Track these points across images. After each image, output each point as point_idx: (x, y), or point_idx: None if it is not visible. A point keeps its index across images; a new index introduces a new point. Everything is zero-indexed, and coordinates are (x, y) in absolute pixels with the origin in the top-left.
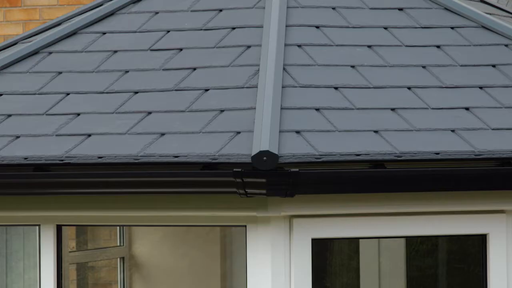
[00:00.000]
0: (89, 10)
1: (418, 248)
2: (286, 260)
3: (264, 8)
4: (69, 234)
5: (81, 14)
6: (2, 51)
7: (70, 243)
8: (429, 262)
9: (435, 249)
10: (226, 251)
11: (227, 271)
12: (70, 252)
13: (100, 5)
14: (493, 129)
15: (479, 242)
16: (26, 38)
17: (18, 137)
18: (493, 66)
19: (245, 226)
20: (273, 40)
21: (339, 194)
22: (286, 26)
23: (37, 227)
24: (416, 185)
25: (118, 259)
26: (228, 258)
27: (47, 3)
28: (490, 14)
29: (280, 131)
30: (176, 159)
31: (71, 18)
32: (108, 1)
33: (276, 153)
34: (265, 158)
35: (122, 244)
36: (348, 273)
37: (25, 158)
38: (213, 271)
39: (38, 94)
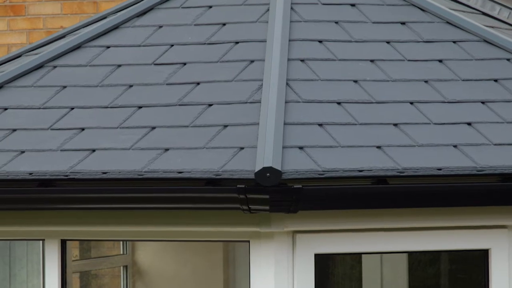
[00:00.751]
0: (93, 23)
1: (420, 258)
2: (289, 275)
3: (267, 22)
4: (72, 242)
5: (85, 26)
6: (6, 64)
7: (73, 251)
8: (431, 272)
9: (437, 259)
10: (229, 258)
11: (230, 278)
12: (73, 260)
13: (104, 17)
14: (495, 145)
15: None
16: (30, 51)
17: (23, 152)
18: (495, 80)
19: (249, 241)
20: (276, 54)
21: (342, 210)
22: (289, 40)
23: (42, 241)
24: (418, 201)
25: (121, 267)
26: (231, 265)
27: (50, 12)
28: (491, 27)
29: (283, 147)
30: (180, 175)
31: (76, 30)
32: (112, 14)
33: (279, 169)
34: (268, 174)
35: (125, 252)
36: (351, 283)
37: (30, 174)
38: (216, 278)
39: (43, 108)
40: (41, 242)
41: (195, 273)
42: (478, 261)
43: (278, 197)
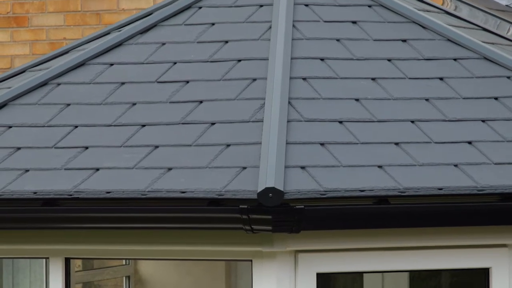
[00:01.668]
0: (97, 38)
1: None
2: None
3: (269, 40)
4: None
5: (89, 42)
6: (11, 79)
7: (76, 261)
8: (433, 285)
9: (439, 272)
10: (230, 268)
11: None
12: (76, 271)
13: (108, 33)
14: (495, 164)
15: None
16: (34, 66)
17: (27, 170)
18: (495, 98)
19: (251, 260)
20: (278, 73)
21: (344, 230)
22: (291, 58)
23: (46, 259)
24: (419, 220)
25: (124, 278)
26: (233, 275)
27: (53, 24)
28: (491, 43)
29: (285, 167)
30: (183, 195)
31: (79, 46)
32: (115, 30)
33: (282, 189)
34: (270, 194)
35: (127, 262)
36: None
37: (35, 193)
38: None
39: (47, 126)
40: (45, 260)
41: (197, 283)
42: (481, 274)
43: (280, 217)
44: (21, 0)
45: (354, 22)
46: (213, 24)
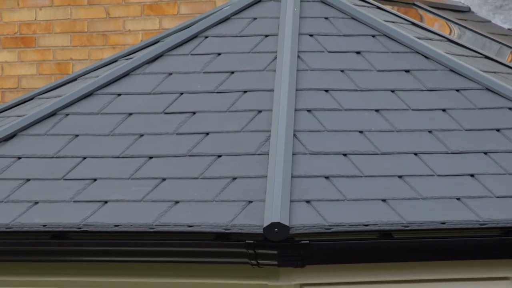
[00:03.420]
0: (104, 66)
1: None
2: None
3: (274, 71)
4: None
5: (96, 69)
6: (19, 106)
7: None
8: None
9: None
10: None
11: None
12: None
13: (115, 61)
14: (497, 197)
15: None
16: (42, 93)
17: (36, 202)
18: (497, 130)
19: None
20: (283, 105)
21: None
22: (296, 90)
23: None
24: (422, 254)
25: None
26: None
27: (60, 44)
28: (493, 72)
29: (290, 201)
30: (190, 229)
31: (87, 73)
32: (123, 58)
33: (287, 224)
34: (276, 229)
35: None
36: None
37: (44, 226)
38: None
39: (56, 157)
40: None
41: None
42: None
43: (286, 252)
44: (28, 21)
45: (358, 53)
46: (219, 54)
